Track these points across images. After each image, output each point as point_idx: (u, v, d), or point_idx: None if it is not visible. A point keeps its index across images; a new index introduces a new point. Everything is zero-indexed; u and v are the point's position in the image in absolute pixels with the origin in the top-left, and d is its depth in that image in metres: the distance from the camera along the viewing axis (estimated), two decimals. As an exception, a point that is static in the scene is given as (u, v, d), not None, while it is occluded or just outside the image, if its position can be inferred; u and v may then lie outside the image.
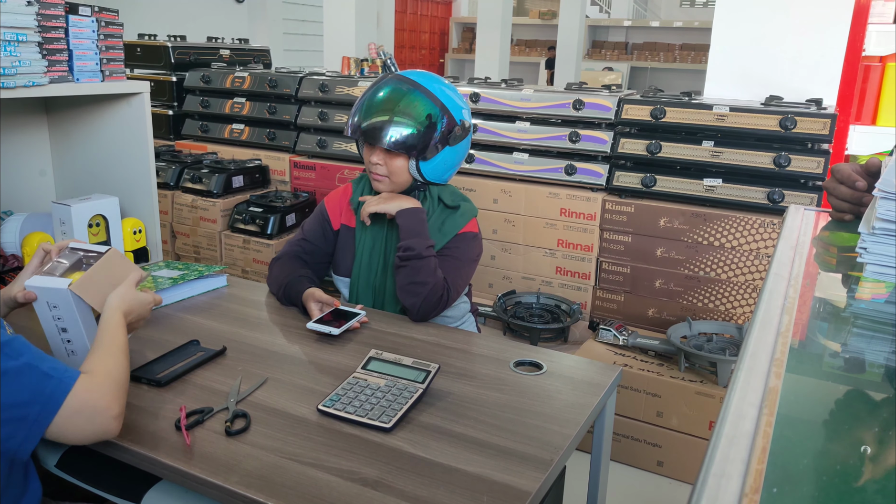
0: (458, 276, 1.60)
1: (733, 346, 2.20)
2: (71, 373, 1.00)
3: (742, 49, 2.67)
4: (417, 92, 1.55)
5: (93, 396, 1.00)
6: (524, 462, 1.04)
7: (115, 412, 1.02)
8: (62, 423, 0.97)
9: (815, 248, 0.95)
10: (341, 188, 1.76)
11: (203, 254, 3.09)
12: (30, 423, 0.95)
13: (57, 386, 0.97)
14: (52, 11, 1.68)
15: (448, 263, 1.60)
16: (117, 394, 1.04)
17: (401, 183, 1.61)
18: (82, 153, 2.08)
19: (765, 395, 0.52)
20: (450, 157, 1.60)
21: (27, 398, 0.94)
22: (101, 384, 1.02)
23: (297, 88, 3.20)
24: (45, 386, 0.96)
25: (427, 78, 1.60)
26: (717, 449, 0.45)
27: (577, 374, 1.34)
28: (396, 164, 1.57)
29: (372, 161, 1.58)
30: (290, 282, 1.60)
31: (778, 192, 2.29)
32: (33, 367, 0.96)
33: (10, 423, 0.94)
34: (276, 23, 7.10)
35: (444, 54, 11.98)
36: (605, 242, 2.54)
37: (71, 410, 0.97)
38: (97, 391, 1.01)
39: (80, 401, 0.98)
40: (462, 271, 1.62)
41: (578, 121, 2.61)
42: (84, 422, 0.99)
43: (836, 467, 0.45)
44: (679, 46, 10.22)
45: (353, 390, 1.19)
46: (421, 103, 1.54)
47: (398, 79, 1.59)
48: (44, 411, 0.95)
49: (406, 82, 1.57)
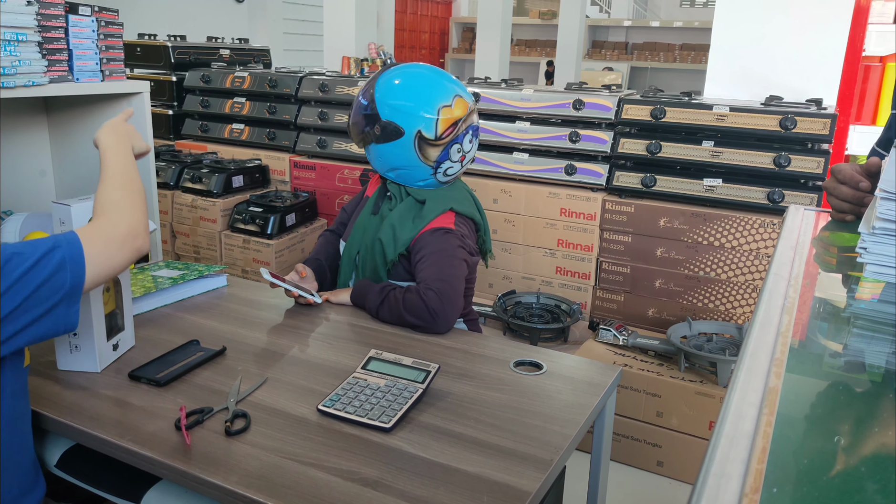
0: (440, 271, 1.52)
1: (733, 346, 2.20)
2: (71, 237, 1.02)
3: (742, 49, 2.67)
4: (375, 82, 1.62)
5: (110, 234, 1.07)
6: (524, 462, 1.04)
7: (139, 230, 1.11)
8: (98, 271, 1.03)
9: (815, 248, 0.95)
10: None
11: (203, 254, 3.09)
12: (67, 289, 0.99)
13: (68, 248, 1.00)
14: (52, 11, 1.68)
15: (426, 263, 1.55)
16: (136, 216, 1.12)
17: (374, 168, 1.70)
18: (82, 153, 2.08)
19: (765, 395, 0.52)
20: (385, 153, 1.62)
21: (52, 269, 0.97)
22: (112, 220, 1.09)
23: (297, 88, 3.20)
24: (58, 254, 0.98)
25: (394, 71, 1.64)
26: (717, 449, 0.45)
27: (577, 374, 1.34)
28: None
29: None
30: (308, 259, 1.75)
31: (778, 192, 2.29)
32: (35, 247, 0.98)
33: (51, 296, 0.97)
34: (276, 23, 7.10)
35: (444, 54, 11.98)
36: (605, 242, 2.54)
37: (97, 259, 1.03)
38: (112, 228, 1.08)
39: (100, 247, 1.04)
40: (442, 265, 1.53)
41: (578, 121, 2.61)
42: (118, 256, 1.07)
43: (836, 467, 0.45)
44: (679, 46, 10.22)
45: (353, 390, 1.19)
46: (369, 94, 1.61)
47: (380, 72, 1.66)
48: (74, 273, 0.99)
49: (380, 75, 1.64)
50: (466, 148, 1.65)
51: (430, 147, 1.59)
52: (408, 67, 1.65)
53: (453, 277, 1.53)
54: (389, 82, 1.61)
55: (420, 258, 1.57)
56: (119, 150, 1.22)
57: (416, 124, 1.57)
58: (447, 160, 1.62)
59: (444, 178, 1.66)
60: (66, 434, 1.14)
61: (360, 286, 1.62)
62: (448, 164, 1.63)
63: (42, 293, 0.96)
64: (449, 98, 1.59)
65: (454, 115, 1.59)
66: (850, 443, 0.50)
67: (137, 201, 1.15)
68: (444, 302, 1.48)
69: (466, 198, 1.72)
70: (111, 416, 1.14)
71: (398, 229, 1.61)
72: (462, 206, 1.67)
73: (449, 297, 1.49)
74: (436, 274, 1.52)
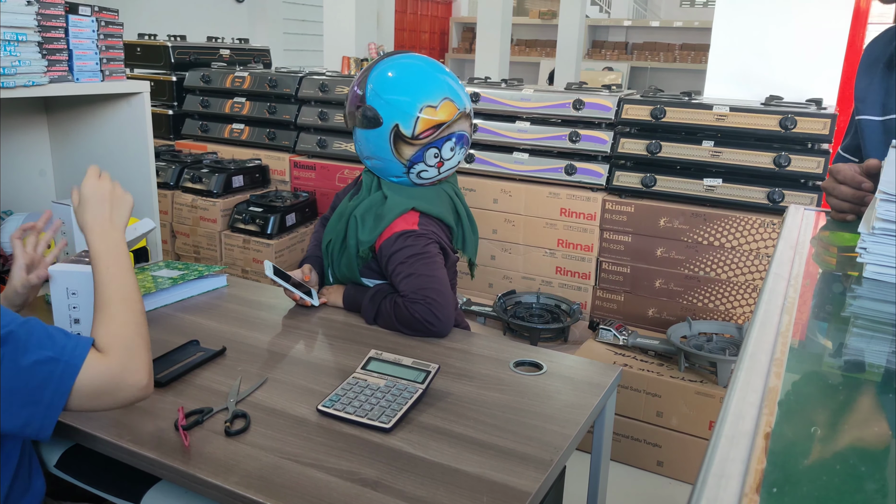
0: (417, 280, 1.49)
1: (733, 346, 2.20)
2: (80, 350, 0.95)
3: (742, 49, 2.67)
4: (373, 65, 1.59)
5: (110, 376, 0.96)
6: (524, 462, 1.04)
7: (143, 382, 0.99)
8: (85, 402, 0.95)
9: (814, 248, 0.95)
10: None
11: (203, 254, 3.09)
12: (44, 406, 0.92)
13: (65, 368, 0.93)
14: (52, 11, 1.68)
15: (400, 276, 1.51)
16: (141, 359, 1.00)
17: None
18: (82, 153, 2.08)
19: (765, 395, 0.52)
20: (368, 139, 1.55)
21: (35, 383, 0.91)
22: (116, 360, 0.97)
23: (297, 88, 3.20)
24: (52, 368, 0.92)
25: (395, 59, 1.58)
26: (717, 449, 0.45)
27: (577, 374, 1.34)
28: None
29: None
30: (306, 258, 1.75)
31: (778, 192, 2.29)
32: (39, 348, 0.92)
33: (26, 407, 0.91)
34: (276, 23, 7.10)
35: (444, 54, 11.97)
36: (605, 242, 2.54)
37: (89, 392, 0.94)
38: (113, 370, 0.97)
39: (98, 383, 0.95)
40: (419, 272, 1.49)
41: (578, 121, 2.61)
42: (110, 399, 0.97)
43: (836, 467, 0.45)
44: (679, 46, 10.22)
45: (353, 390, 1.19)
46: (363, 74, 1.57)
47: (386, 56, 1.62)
48: (56, 395, 0.92)
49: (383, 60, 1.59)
50: (446, 155, 1.56)
51: (404, 144, 1.52)
52: (408, 58, 1.59)
53: (434, 280, 1.49)
54: (386, 70, 1.55)
55: (392, 271, 1.52)
56: (111, 257, 1.07)
57: (394, 117, 1.50)
58: (421, 162, 1.54)
59: (417, 179, 1.58)
60: (66, 434, 1.14)
61: (350, 294, 1.61)
62: (422, 166, 1.55)
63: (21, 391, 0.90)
64: (436, 99, 1.51)
65: (437, 118, 1.51)
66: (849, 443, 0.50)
67: (142, 337, 1.02)
68: (435, 309, 1.45)
69: (440, 199, 1.62)
70: (111, 416, 1.14)
71: (360, 227, 1.56)
72: (428, 206, 1.57)
73: (437, 303, 1.46)
74: (414, 285, 1.48)
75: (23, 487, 1.06)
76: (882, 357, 0.63)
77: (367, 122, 1.53)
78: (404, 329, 1.49)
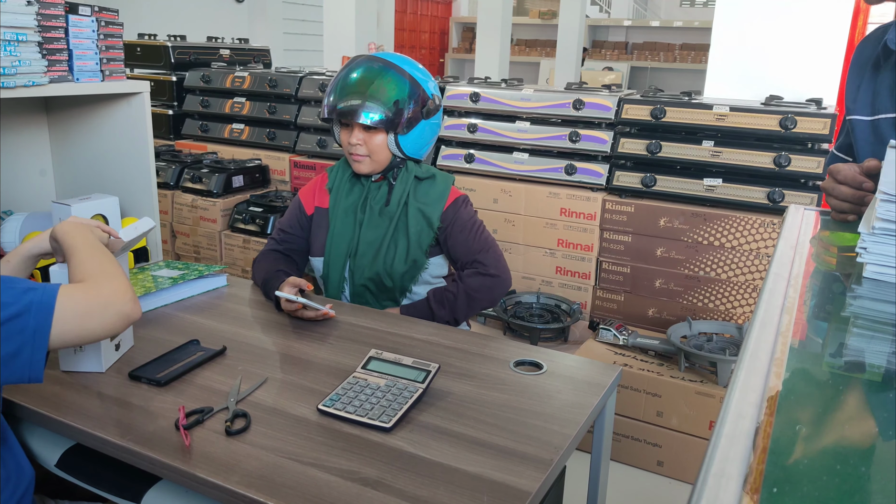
0: (483, 239, 1.67)
1: (733, 346, 2.20)
2: (53, 284, 1.01)
3: (742, 49, 2.67)
4: (390, 69, 1.59)
5: (92, 295, 1.02)
6: (524, 462, 1.04)
7: (127, 296, 1.06)
8: (73, 329, 0.99)
9: (814, 247, 0.95)
10: (317, 177, 1.80)
11: (203, 253, 3.09)
12: (31, 334, 0.96)
13: (43, 293, 0.98)
14: (52, 11, 1.68)
15: (462, 238, 1.65)
16: (119, 280, 1.07)
17: (381, 161, 1.63)
18: (82, 153, 2.08)
19: (765, 395, 0.52)
20: (427, 131, 1.64)
21: (18, 309, 0.95)
22: (94, 284, 1.04)
23: (297, 88, 3.20)
24: (31, 296, 0.97)
25: (396, 57, 1.64)
26: (717, 449, 0.45)
27: (577, 374, 1.34)
28: (376, 142, 1.60)
29: (351, 142, 1.61)
30: (268, 278, 1.63)
31: (778, 191, 2.29)
32: (13, 287, 0.97)
33: (12, 337, 0.94)
34: (276, 23, 7.10)
35: (444, 54, 11.97)
36: (605, 242, 2.54)
37: (75, 314, 0.99)
38: (93, 290, 1.03)
39: (80, 305, 1.00)
40: (483, 233, 1.68)
41: (578, 121, 2.61)
42: (99, 317, 1.02)
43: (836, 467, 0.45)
44: (679, 46, 10.21)
45: (353, 390, 1.19)
46: (394, 79, 1.58)
47: (369, 58, 1.63)
48: (40, 318, 0.96)
49: (376, 60, 1.61)
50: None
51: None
52: (391, 54, 1.67)
53: (492, 242, 1.69)
54: (408, 64, 1.62)
55: (458, 231, 1.65)
56: (79, 233, 1.17)
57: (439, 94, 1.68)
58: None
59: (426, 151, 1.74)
60: (67, 434, 1.14)
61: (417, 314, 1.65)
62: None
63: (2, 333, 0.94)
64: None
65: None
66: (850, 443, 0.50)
67: (117, 270, 1.10)
68: (500, 261, 1.66)
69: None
70: (111, 415, 1.14)
71: (426, 206, 1.65)
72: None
73: (499, 256, 1.66)
74: (482, 245, 1.66)
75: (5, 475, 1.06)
76: (882, 357, 0.63)
77: (437, 107, 1.66)
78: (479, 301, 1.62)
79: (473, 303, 1.62)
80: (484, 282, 1.63)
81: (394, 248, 1.65)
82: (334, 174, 1.74)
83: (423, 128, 1.63)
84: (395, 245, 1.65)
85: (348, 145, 1.62)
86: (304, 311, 1.51)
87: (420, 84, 1.60)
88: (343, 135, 1.64)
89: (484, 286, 1.63)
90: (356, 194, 1.70)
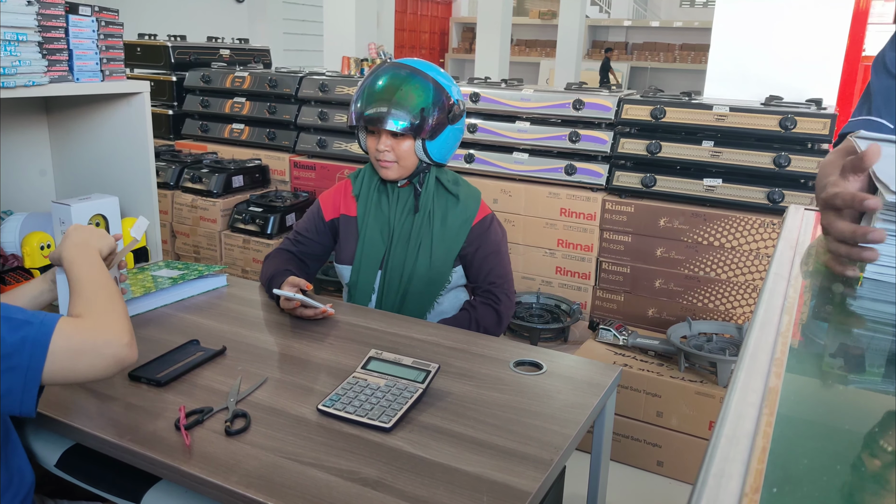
0: (502, 266, 1.70)
1: (733, 346, 2.20)
2: (51, 317, 0.98)
3: (742, 49, 2.67)
4: (415, 75, 1.60)
5: (88, 335, 0.99)
6: (524, 462, 1.04)
7: (124, 340, 1.01)
8: (65, 367, 0.96)
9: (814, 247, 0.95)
10: (337, 184, 1.80)
11: (203, 254, 3.09)
12: (24, 371, 0.93)
13: (39, 328, 0.95)
14: (52, 11, 1.68)
15: (489, 261, 1.69)
16: (117, 321, 1.03)
17: (408, 166, 1.64)
18: (82, 153, 2.08)
19: (765, 395, 0.52)
20: (452, 136, 1.65)
21: (13, 346, 0.92)
22: (93, 321, 1.01)
23: (297, 88, 3.20)
24: (27, 331, 0.94)
25: (421, 63, 1.65)
26: (717, 449, 0.45)
27: (577, 374, 1.34)
28: (403, 148, 1.60)
29: (379, 148, 1.61)
30: (275, 274, 1.63)
31: (778, 192, 2.29)
32: (10, 319, 0.94)
33: (5, 374, 0.92)
34: (276, 23, 7.10)
35: (444, 54, 11.98)
36: (605, 242, 2.54)
37: (68, 353, 0.96)
38: (90, 328, 1.00)
39: (75, 343, 0.97)
40: (502, 260, 1.71)
41: (578, 121, 2.61)
42: (90, 360, 0.98)
43: (836, 467, 0.45)
44: (679, 46, 10.22)
45: (353, 390, 1.19)
46: (421, 85, 1.58)
47: (395, 65, 1.63)
48: (34, 356, 0.93)
49: (403, 67, 1.62)
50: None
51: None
52: (416, 60, 1.68)
53: (509, 269, 1.73)
54: (433, 70, 1.63)
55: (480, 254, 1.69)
56: (85, 261, 1.13)
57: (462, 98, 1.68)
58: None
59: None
60: (66, 434, 1.14)
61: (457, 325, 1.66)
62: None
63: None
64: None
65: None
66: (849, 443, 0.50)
67: (119, 309, 1.06)
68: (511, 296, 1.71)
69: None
70: (111, 416, 1.14)
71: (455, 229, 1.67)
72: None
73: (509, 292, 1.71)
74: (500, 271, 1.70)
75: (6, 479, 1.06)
76: (882, 357, 0.63)
77: (462, 111, 1.65)
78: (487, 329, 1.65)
79: (480, 331, 1.63)
80: (494, 317, 1.68)
81: (425, 261, 1.66)
82: (360, 181, 1.73)
83: (448, 133, 1.63)
84: (424, 259, 1.66)
85: (376, 151, 1.62)
86: (302, 310, 1.52)
87: (445, 89, 1.60)
88: (370, 141, 1.64)
89: (493, 322, 1.68)
90: (384, 203, 1.70)
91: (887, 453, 0.47)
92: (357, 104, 1.61)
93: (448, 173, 1.73)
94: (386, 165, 1.62)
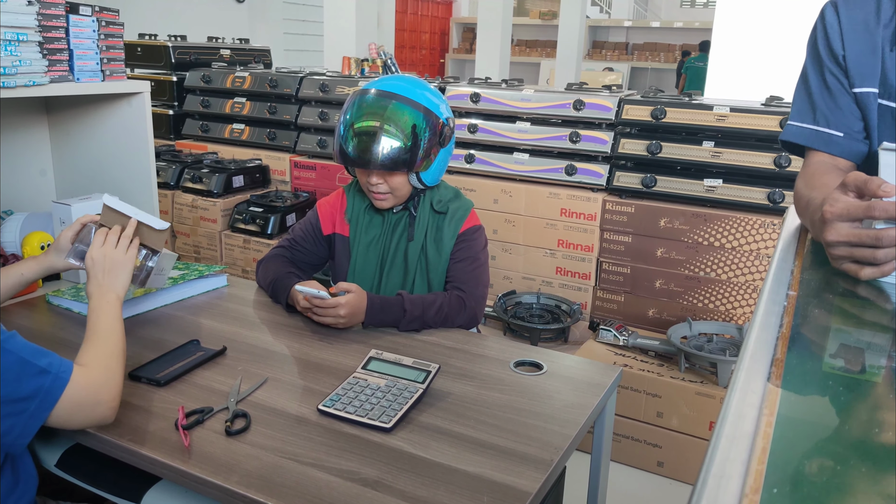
0: (472, 274, 1.62)
1: (733, 347, 2.20)
2: (66, 366, 1.02)
3: (742, 49, 2.67)
4: (399, 103, 1.49)
5: (91, 391, 1.04)
6: (524, 462, 1.04)
7: (114, 404, 1.07)
8: (61, 416, 1.01)
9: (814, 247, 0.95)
10: (335, 194, 1.74)
11: (203, 254, 3.09)
12: (27, 417, 0.97)
13: (54, 381, 1.00)
14: (52, 11, 1.68)
15: (460, 267, 1.62)
16: (114, 384, 1.09)
17: (403, 195, 1.59)
18: (82, 153, 2.08)
19: (765, 395, 0.52)
20: (443, 158, 1.60)
21: (25, 394, 0.97)
22: (98, 377, 1.07)
23: (297, 88, 3.20)
24: (42, 381, 0.98)
25: (404, 85, 1.53)
26: (717, 449, 0.45)
27: (577, 375, 1.34)
28: (397, 181, 1.54)
29: (371, 182, 1.54)
30: (278, 278, 1.60)
31: (778, 192, 2.29)
32: (29, 364, 0.98)
33: (9, 417, 0.96)
34: (276, 23, 7.10)
35: (444, 54, 11.98)
36: (605, 242, 2.54)
37: (70, 404, 1.01)
38: (95, 385, 1.05)
39: (79, 396, 1.02)
40: (475, 269, 1.63)
41: (579, 121, 2.61)
42: (84, 414, 1.04)
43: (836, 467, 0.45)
44: (679, 47, 10.22)
45: (354, 390, 1.19)
46: (407, 114, 1.49)
47: (377, 94, 1.52)
48: (41, 406, 0.98)
49: (385, 96, 1.50)
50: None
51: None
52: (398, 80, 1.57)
53: (482, 278, 1.64)
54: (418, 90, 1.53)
55: (457, 259, 1.62)
56: (105, 312, 1.19)
57: (450, 113, 1.61)
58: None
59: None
60: (66, 434, 1.14)
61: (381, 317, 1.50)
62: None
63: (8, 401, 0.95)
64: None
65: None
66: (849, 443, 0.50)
67: (121, 368, 1.13)
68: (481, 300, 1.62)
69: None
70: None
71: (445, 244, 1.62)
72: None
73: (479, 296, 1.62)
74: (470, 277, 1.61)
75: (10, 483, 1.07)
76: (882, 357, 0.63)
77: (452, 130, 1.59)
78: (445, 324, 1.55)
79: (441, 313, 1.53)
80: (459, 305, 1.57)
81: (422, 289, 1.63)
82: (351, 202, 1.67)
83: (441, 156, 1.58)
84: (421, 286, 1.63)
85: (368, 184, 1.56)
86: (315, 315, 1.48)
87: (433, 112, 1.52)
88: (360, 175, 1.58)
89: (456, 307, 1.56)
90: (376, 227, 1.64)
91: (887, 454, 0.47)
92: (342, 142, 1.51)
93: (440, 191, 1.66)
94: (381, 198, 1.57)
